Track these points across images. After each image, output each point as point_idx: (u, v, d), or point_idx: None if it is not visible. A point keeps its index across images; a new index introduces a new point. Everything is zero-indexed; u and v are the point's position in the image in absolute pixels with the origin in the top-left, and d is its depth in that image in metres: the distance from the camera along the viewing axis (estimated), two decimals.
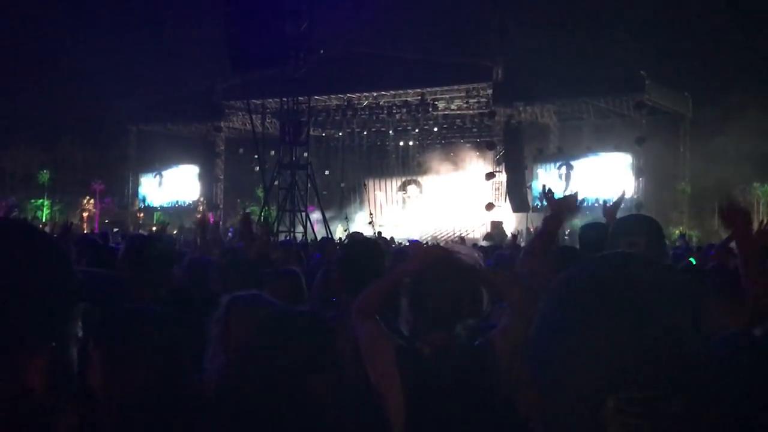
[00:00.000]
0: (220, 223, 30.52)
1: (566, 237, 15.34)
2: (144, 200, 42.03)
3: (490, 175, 31.99)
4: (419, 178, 39.24)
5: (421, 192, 39.24)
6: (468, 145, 37.46)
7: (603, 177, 29.89)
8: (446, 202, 36.28)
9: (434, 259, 2.62)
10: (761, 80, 38.50)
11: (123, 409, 2.02)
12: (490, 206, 31.82)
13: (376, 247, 4.04)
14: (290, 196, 21.61)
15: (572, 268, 1.12)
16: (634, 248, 2.99)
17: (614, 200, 4.46)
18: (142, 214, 41.38)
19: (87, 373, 2.08)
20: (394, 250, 7.72)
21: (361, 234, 10.31)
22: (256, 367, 1.80)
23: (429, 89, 32.44)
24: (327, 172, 39.37)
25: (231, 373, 2.06)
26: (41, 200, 49.33)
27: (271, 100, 30.16)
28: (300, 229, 20.99)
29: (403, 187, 39.69)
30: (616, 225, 3.50)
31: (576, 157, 32.66)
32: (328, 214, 23.80)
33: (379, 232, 23.65)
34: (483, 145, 34.57)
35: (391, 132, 37.65)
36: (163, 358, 2.11)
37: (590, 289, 1.04)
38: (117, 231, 22.26)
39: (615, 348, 0.98)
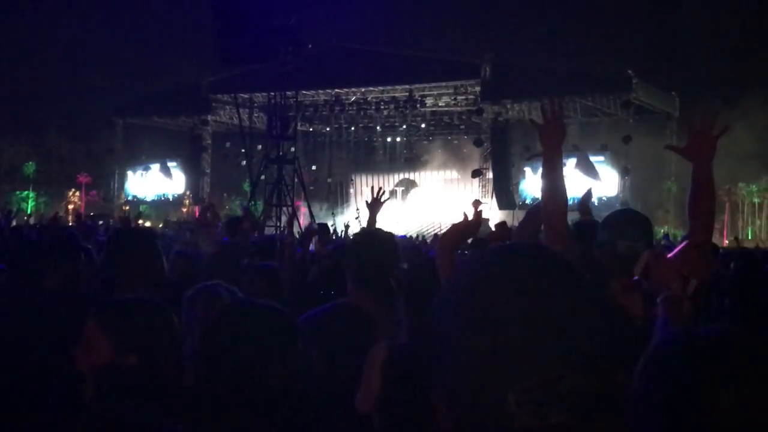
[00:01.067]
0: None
1: None
2: (129, 193, 41.80)
3: (476, 173, 31.97)
4: (407, 174, 39.18)
5: (407, 188, 39.20)
6: (456, 141, 37.46)
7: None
8: (434, 198, 36.27)
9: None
10: (749, 81, 38.76)
11: (120, 396, 2.04)
12: (477, 203, 31.73)
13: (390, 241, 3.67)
14: (277, 190, 21.57)
15: (467, 258, 1.07)
16: (632, 252, 2.76)
17: (583, 195, 4.40)
18: (127, 207, 41.16)
19: (84, 357, 2.10)
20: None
21: (325, 225, 10.19)
22: (207, 355, 1.79)
23: (417, 85, 32.31)
24: (314, 167, 39.29)
25: (193, 363, 2.07)
26: (26, 192, 49.09)
27: (258, 94, 30.01)
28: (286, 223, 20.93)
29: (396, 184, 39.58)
30: (607, 225, 3.15)
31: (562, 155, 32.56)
32: (314, 210, 23.76)
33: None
34: (471, 142, 34.57)
35: (378, 128, 37.53)
36: (163, 348, 2.14)
37: (474, 282, 0.99)
38: (102, 224, 22.13)
39: (510, 339, 0.92)
